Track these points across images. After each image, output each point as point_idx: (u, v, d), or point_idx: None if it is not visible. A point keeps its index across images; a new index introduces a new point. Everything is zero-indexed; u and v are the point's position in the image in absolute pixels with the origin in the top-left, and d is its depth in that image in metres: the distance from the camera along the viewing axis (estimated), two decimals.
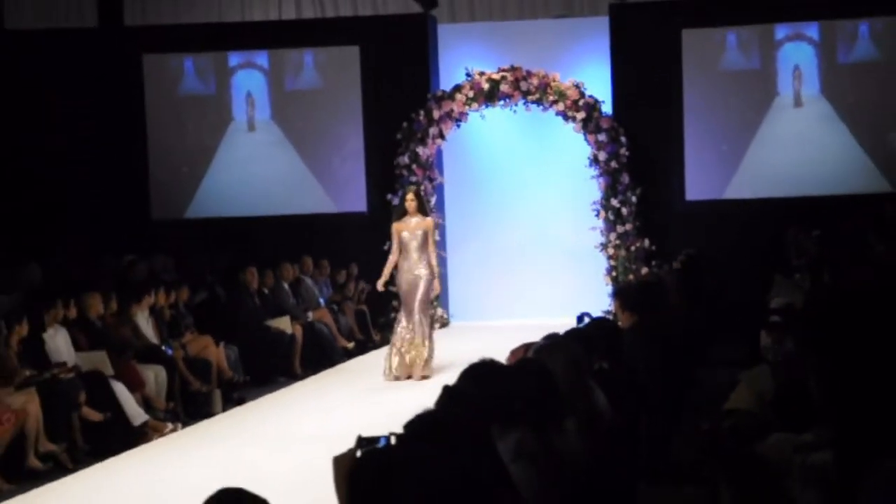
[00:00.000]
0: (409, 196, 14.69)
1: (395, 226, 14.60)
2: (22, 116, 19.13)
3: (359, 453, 4.80)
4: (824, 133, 18.72)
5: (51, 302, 13.17)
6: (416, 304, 14.40)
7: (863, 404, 2.99)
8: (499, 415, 5.25)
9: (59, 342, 12.67)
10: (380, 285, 15.06)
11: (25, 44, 19.33)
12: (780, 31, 18.85)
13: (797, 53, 18.85)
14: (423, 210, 14.68)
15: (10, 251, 16.58)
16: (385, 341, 18.22)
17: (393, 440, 4.73)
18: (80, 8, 19.81)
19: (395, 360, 14.35)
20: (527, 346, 7.80)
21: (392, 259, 14.66)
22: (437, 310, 19.03)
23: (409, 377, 14.08)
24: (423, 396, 5.55)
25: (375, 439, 4.84)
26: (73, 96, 19.21)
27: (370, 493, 4.58)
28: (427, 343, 14.39)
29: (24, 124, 19.14)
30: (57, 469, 11.08)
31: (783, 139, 18.81)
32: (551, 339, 7.91)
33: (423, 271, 14.42)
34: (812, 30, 18.80)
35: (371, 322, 18.60)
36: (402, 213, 14.65)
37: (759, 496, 5.83)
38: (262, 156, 19.83)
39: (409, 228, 14.44)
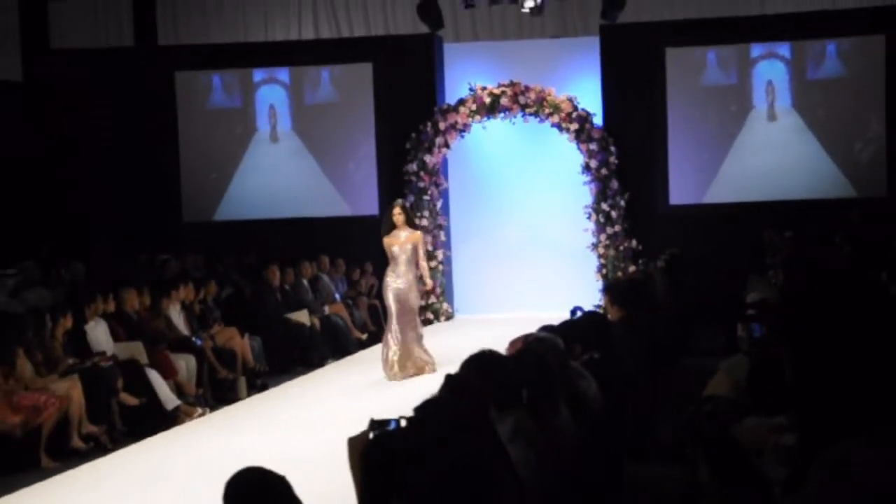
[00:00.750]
0: (397, 210, 13.94)
1: (386, 241, 13.92)
2: (67, 128, 19.16)
3: (371, 435, 4.87)
4: (795, 143, 18.70)
5: (92, 297, 13.24)
6: (406, 314, 13.83)
7: (827, 390, 3.01)
8: (498, 399, 5.30)
9: (99, 333, 12.73)
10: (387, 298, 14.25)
11: (70, 61, 19.35)
12: (755, 49, 18.85)
13: (771, 70, 18.85)
14: (410, 223, 14.10)
15: (56, 250, 16.62)
16: None
17: (403, 423, 4.79)
18: (119, 28, 19.80)
19: (389, 360, 13.78)
20: (524, 338, 7.86)
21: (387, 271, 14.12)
22: (442, 304, 19.11)
23: (397, 376, 13.56)
24: (431, 383, 5.60)
25: (386, 422, 4.90)
26: (112, 109, 19.24)
27: (382, 471, 4.64)
28: (417, 346, 13.87)
29: (68, 135, 19.17)
30: (97, 449, 11.15)
31: (758, 148, 18.80)
32: (546, 330, 7.96)
33: (411, 283, 13.86)
34: (784, 49, 18.80)
35: (383, 316, 18.62)
36: (391, 226, 13.92)
37: (735, 474, 5.86)
38: (284, 164, 19.84)
39: (399, 243, 13.81)
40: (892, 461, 2.85)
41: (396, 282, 13.78)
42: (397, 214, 13.82)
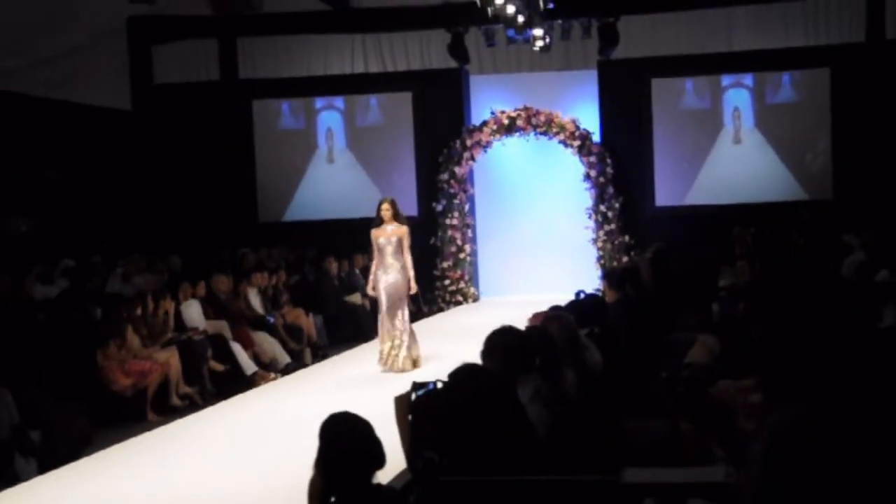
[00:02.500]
0: (385, 206, 12.50)
1: (373, 233, 12.52)
2: (166, 147, 19.26)
3: (413, 394, 4.87)
4: (758, 156, 18.62)
5: (187, 282, 13.32)
6: (395, 307, 12.26)
7: (785, 356, 3.00)
8: (516, 365, 5.29)
9: (193, 312, 12.83)
10: (370, 290, 12.93)
11: (169, 93, 19.47)
12: (725, 80, 18.75)
13: (737, 97, 18.76)
14: (398, 218, 12.49)
15: (159, 245, 16.70)
16: (432, 313, 18.31)
17: (439, 385, 4.79)
18: (207, 66, 19.90)
19: (382, 353, 12.35)
20: (540, 314, 7.88)
21: (375, 265, 12.58)
22: (470, 289, 19.10)
23: (391, 369, 12.10)
24: (462, 352, 5.60)
25: (426, 384, 4.90)
26: (202, 131, 19.32)
27: (422, 425, 4.65)
28: (403, 338, 12.27)
29: (168, 153, 19.28)
30: (192, 406, 11.34)
31: (727, 161, 18.73)
32: (555, 310, 7.96)
33: (397, 275, 12.28)
34: (748, 79, 18.70)
35: (421, 299, 18.62)
36: (379, 221, 12.46)
37: (710, 425, 5.85)
38: (339, 174, 19.86)
39: (385, 235, 12.35)
40: (825, 429, 2.84)
41: (385, 277, 12.30)
42: (385, 210, 12.44)
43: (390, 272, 12.27)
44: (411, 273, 12.42)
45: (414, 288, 12.66)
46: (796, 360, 2.97)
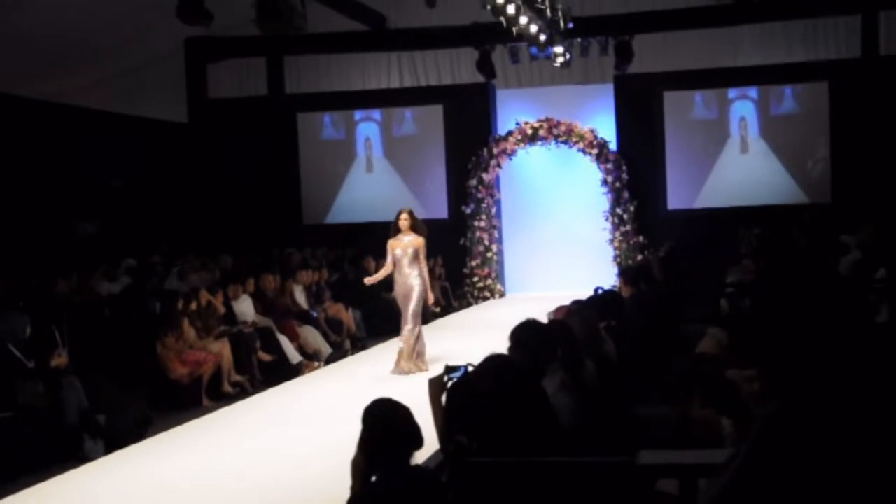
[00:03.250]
0: (404, 216, 11.65)
1: (390, 243, 11.63)
2: (220, 156, 19.36)
3: (446, 378, 4.87)
4: (762, 163, 18.53)
5: (238, 279, 13.37)
6: (409, 313, 11.50)
7: (786, 347, 2.99)
8: (539, 356, 5.27)
9: (243, 307, 12.87)
10: (367, 281, 12.49)
11: (222, 106, 19.59)
12: (732, 92, 18.66)
13: (743, 108, 18.67)
14: (416, 229, 11.64)
15: (212, 245, 16.78)
16: (461, 307, 18.31)
17: (470, 369, 4.80)
18: (256, 82, 20.00)
19: (402, 361, 11.57)
20: (562, 309, 7.87)
21: (385, 270, 11.80)
22: (496, 285, 19.10)
23: (406, 372, 11.42)
24: (489, 343, 5.60)
25: (457, 368, 4.90)
26: (251, 141, 19.41)
27: (454, 406, 4.65)
28: (416, 343, 11.60)
29: (221, 161, 19.37)
30: (242, 393, 11.36)
31: (734, 167, 18.66)
32: (576, 304, 7.95)
33: (415, 283, 11.48)
34: (753, 92, 18.59)
35: (451, 294, 18.63)
36: (397, 230, 11.62)
37: (721, 408, 5.82)
38: (376, 181, 19.88)
39: (402, 246, 11.50)
40: (817, 418, 2.82)
41: (402, 286, 11.56)
42: (403, 220, 11.60)
43: (406, 283, 11.52)
44: (428, 283, 11.69)
45: (431, 298, 12.09)
46: (796, 351, 2.96)
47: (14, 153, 14.03)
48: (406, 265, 11.45)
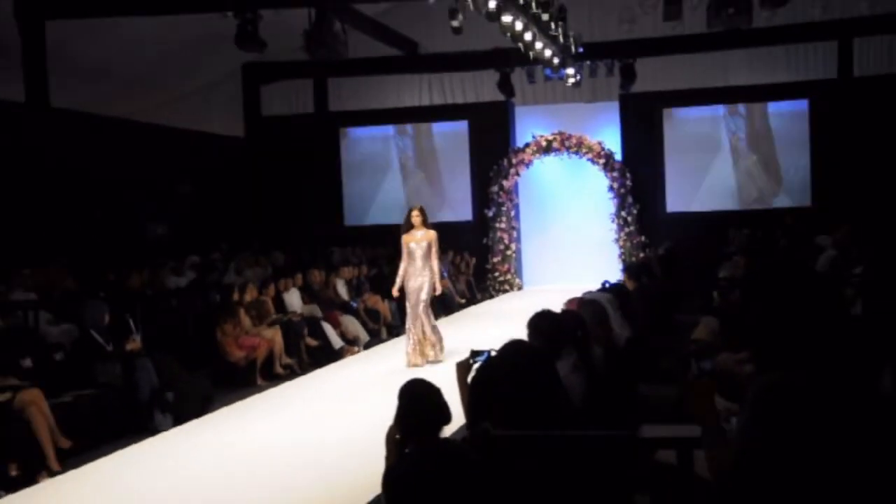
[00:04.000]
0: (415, 213, 10.99)
1: (404, 238, 10.97)
2: (272, 166, 19.43)
3: (471, 361, 4.87)
4: (750, 171, 18.47)
5: (288, 274, 13.43)
6: (421, 305, 10.77)
7: (771, 334, 2.99)
8: (554, 342, 5.27)
9: (292, 298, 12.93)
10: (395, 291, 11.46)
11: (274, 123, 19.63)
12: (723, 109, 18.60)
13: (733, 123, 18.58)
14: (426, 224, 10.99)
15: (265, 244, 16.86)
16: (484, 299, 18.30)
17: (493, 353, 4.78)
18: (305, 101, 20.10)
19: (407, 351, 10.91)
20: (573, 300, 7.85)
21: (402, 268, 11.03)
22: (515, 280, 19.09)
23: (417, 364, 10.68)
24: (509, 330, 5.59)
25: (482, 352, 4.89)
26: (299, 152, 19.47)
27: (479, 387, 4.64)
28: (431, 334, 10.88)
29: (273, 171, 19.43)
30: (292, 374, 11.41)
31: (726, 174, 18.57)
32: (587, 295, 7.90)
33: (426, 276, 10.77)
34: (742, 108, 18.53)
35: (475, 287, 18.64)
36: (409, 226, 10.97)
37: (716, 387, 5.77)
38: (410, 186, 19.91)
39: (416, 240, 10.84)
40: (802, 392, 2.83)
41: (414, 281, 10.82)
42: (415, 216, 10.92)
43: (419, 276, 10.78)
44: (437, 275, 10.94)
45: (439, 289, 11.14)
46: (779, 337, 2.98)
47: (95, 165, 14.15)
48: (419, 258, 10.80)
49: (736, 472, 2.84)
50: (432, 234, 10.84)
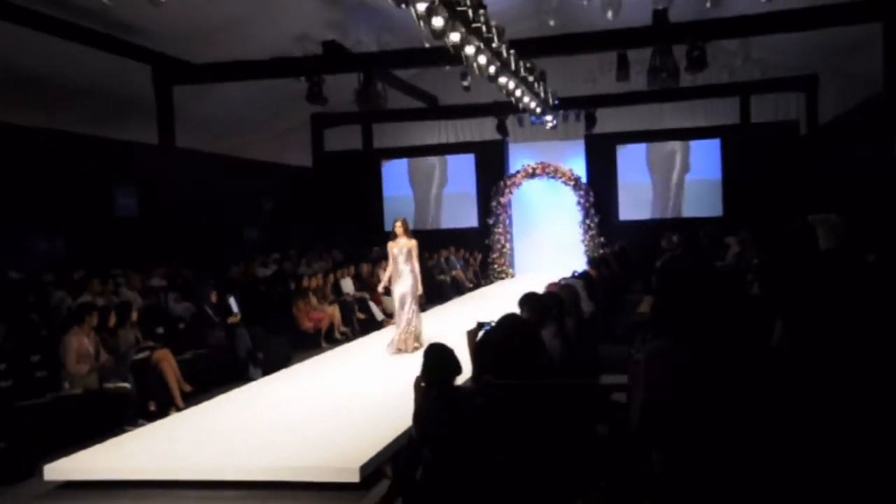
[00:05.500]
0: (398, 224, 9.55)
1: (389, 245, 9.56)
2: (333, 188, 19.40)
3: (478, 329, 4.88)
4: (680, 190, 18.40)
5: (344, 267, 13.47)
6: (406, 303, 9.42)
7: (672, 311, 3.00)
8: (539, 315, 5.28)
9: (347, 284, 12.97)
10: (380, 288, 10.61)
11: (333, 156, 19.65)
12: (666, 146, 18.48)
13: (671, 156, 18.44)
14: (407, 233, 9.49)
15: (327, 245, 16.89)
16: (486, 284, 18.27)
17: (493, 323, 4.81)
18: (355, 139, 20.01)
19: (394, 339, 9.47)
20: (553, 284, 7.87)
21: (388, 269, 9.66)
22: (509, 270, 19.04)
23: (403, 350, 9.34)
24: (505, 306, 5.60)
25: (485, 323, 4.92)
26: (352, 179, 19.45)
27: (483, 348, 4.66)
28: (412, 326, 9.44)
29: (333, 192, 19.40)
30: (347, 339, 11.42)
31: (663, 193, 18.52)
32: (563, 281, 7.92)
33: (408, 278, 9.40)
34: (676, 145, 18.38)
35: (480, 275, 18.62)
36: (394, 236, 9.51)
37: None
38: (432, 202, 19.78)
39: (398, 247, 9.44)
40: (677, 353, 2.84)
41: (398, 285, 9.46)
42: (398, 227, 9.51)
43: (402, 278, 9.41)
44: (419, 277, 9.51)
45: (420, 290, 9.56)
46: (683, 312, 3.00)
47: (206, 188, 14.24)
48: (402, 262, 9.41)
49: (640, 413, 2.88)
50: (413, 242, 9.47)
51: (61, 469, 5.77)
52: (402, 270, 9.44)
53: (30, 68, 10.54)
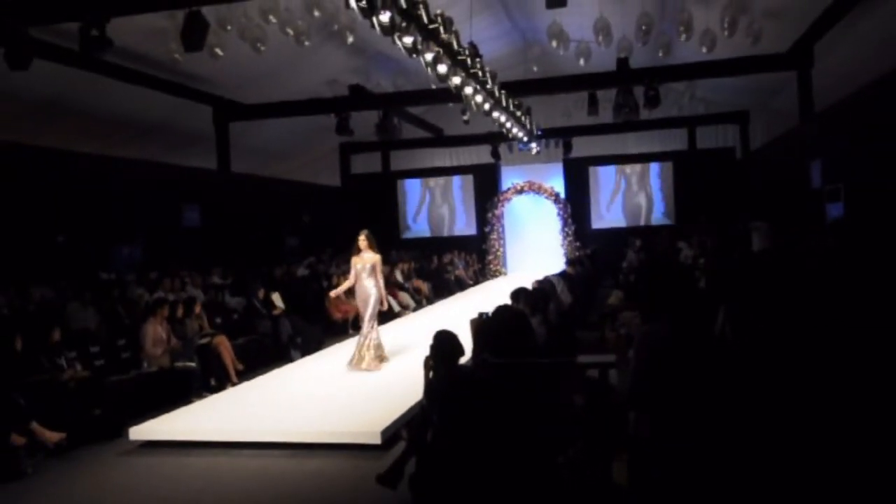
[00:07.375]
0: (362, 238, 7.89)
1: (353, 259, 7.91)
2: (358, 204, 19.35)
3: (479, 317, 4.86)
4: (642, 203, 18.34)
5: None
6: (367, 315, 7.78)
7: (650, 298, 3.00)
8: (528, 305, 5.26)
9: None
10: (332, 294, 9.26)
11: (359, 178, 19.62)
12: (626, 168, 18.44)
13: (633, 175, 18.38)
14: (372, 248, 7.85)
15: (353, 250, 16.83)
16: (484, 281, 18.21)
17: (490, 313, 4.80)
18: (375, 163, 20.03)
19: (356, 356, 7.73)
20: (538, 280, 7.84)
21: (348, 282, 8.02)
22: (501, 269, 18.98)
23: (368, 370, 7.56)
24: (499, 299, 5.58)
25: (485, 313, 4.90)
26: (376, 197, 19.40)
27: (482, 333, 4.65)
28: (369, 340, 7.75)
29: (358, 206, 19.31)
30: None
31: (629, 205, 18.47)
32: (547, 277, 7.88)
33: (371, 292, 7.72)
34: (637, 167, 18.36)
35: (478, 274, 18.59)
36: (358, 249, 7.86)
37: (621, 332, 5.74)
38: (437, 215, 19.71)
39: (362, 262, 7.81)
40: (666, 333, 2.83)
41: (362, 293, 7.80)
42: (362, 241, 7.86)
43: (366, 291, 7.78)
44: (383, 291, 7.89)
45: (385, 304, 8.02)
46: (656, 300, 2.99)
47: (256, 204, 14.28)
48: (364, 278, 7.76)
49: (631, 381, 2.88)
50: (377, 257, 7.84)
51: (143, 431, 5.94)
52: (365, 286, 7.71)
53: (116, 110, 10.71)
